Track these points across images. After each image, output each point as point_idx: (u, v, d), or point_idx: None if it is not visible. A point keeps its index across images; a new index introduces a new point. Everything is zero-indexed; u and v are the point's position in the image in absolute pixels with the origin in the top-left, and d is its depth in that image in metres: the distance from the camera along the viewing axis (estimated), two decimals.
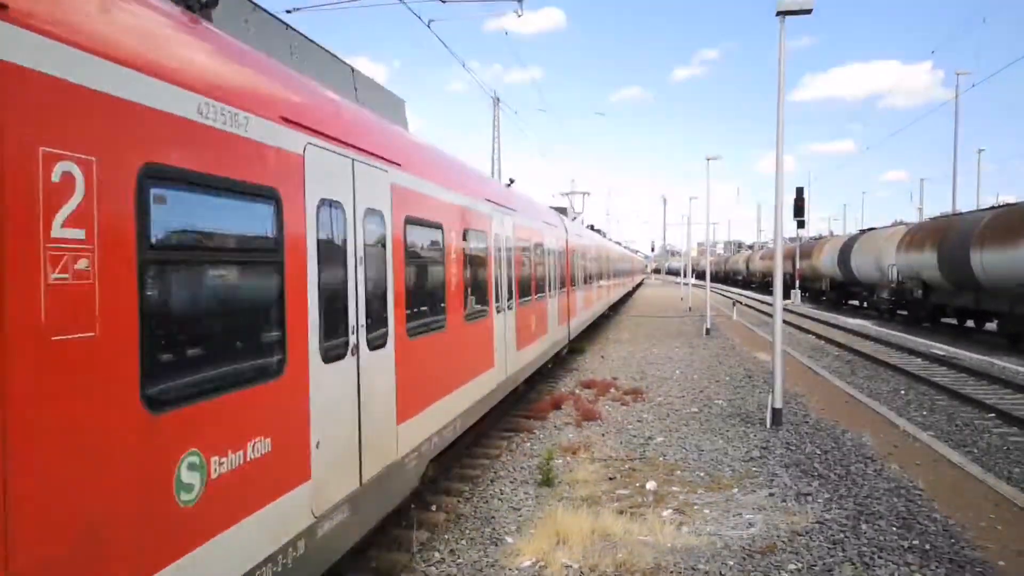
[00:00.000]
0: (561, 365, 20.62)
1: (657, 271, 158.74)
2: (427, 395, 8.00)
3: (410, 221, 7.57)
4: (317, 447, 5.31)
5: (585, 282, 25.58)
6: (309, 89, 6.03)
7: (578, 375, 19.32)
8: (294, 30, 6.74)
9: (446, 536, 8.18)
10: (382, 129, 7.61)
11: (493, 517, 8.74)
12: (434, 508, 8.98)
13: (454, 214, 9.36)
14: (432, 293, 8.54)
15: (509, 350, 12.43)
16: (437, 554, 7.67)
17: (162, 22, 4.15)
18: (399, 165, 7.36)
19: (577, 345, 23.83)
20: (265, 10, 6.24)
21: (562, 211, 29.12)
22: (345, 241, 5.97)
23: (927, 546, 7.63)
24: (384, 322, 6.78)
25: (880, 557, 7.34)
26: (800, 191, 23.51)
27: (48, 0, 3.25)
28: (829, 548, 7.58)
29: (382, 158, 6.92)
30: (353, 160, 6.20)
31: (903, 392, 17.40)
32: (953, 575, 6.96)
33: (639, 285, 79.40)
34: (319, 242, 5.44)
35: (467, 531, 8.34)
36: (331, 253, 5.70)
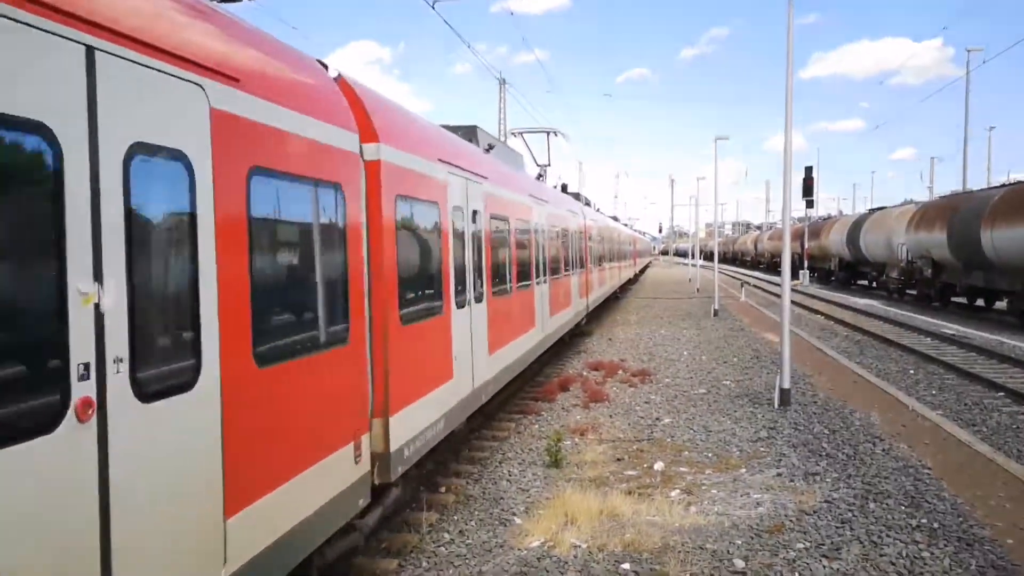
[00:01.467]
0: (569, 347, 20.65)
1: (665, 252, 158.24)
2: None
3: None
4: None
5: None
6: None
7: (585, 357, 19.34)
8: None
9: (455, 517, 8.24)
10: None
11: (502, 498, 8.80)
12: (443, 490, 9.05)
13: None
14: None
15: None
16: (447, 535, 7.73)
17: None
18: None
19: (586, 328, 23.86)
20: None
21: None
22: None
23: (935, 525, 7.64)
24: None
25: (888, 536, 7.36)
26: (809, 170, 23.35)
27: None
28: (837, 527, 7.60)
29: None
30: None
31: (912, 372, 17.36)
32: (961, 553, 6.97)
33: (646, 267, 78.51)
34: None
35: (476, 512, 8.39)
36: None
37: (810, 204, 29.14)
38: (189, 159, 4.02)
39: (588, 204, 32.98)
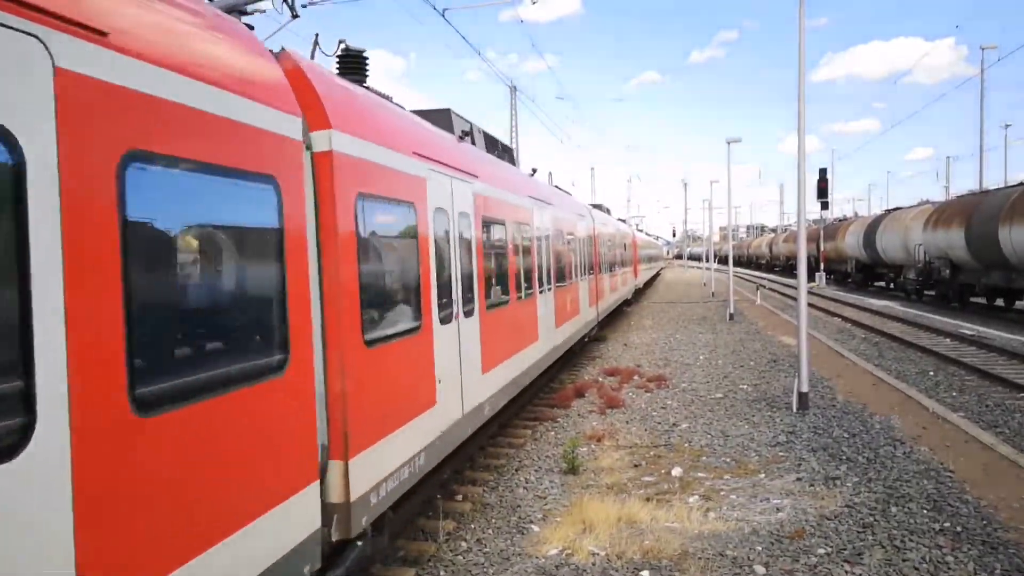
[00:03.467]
0: (584, 353, 20.60)
1: (679, 256, 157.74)
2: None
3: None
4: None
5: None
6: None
7: (601, 363, 19.27)
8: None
9: (472, 525, 8.21)
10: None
11: (519, 506, 8.76)
12: (460, 498, 9.02)
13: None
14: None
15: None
16: (464, 543, 7.71)
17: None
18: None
19: (600, 333, 23.78)
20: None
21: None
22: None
23: (959, 528, 7.54)
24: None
25: (911, 540, 7.27)
26: (823, 172, 23.29)
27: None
28: (859, 532, 7.52)
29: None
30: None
31: (932, 373, 17.17)
32: (985, 557, 6.87)
33: (657, 275, 72.72)
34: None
35: (493, 520, 8.36)
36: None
37: (825, 206, 29.00)
38: (16, 139, 2.93)
39: (601, 208, 32.16)
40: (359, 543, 5.74)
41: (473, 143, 10.52)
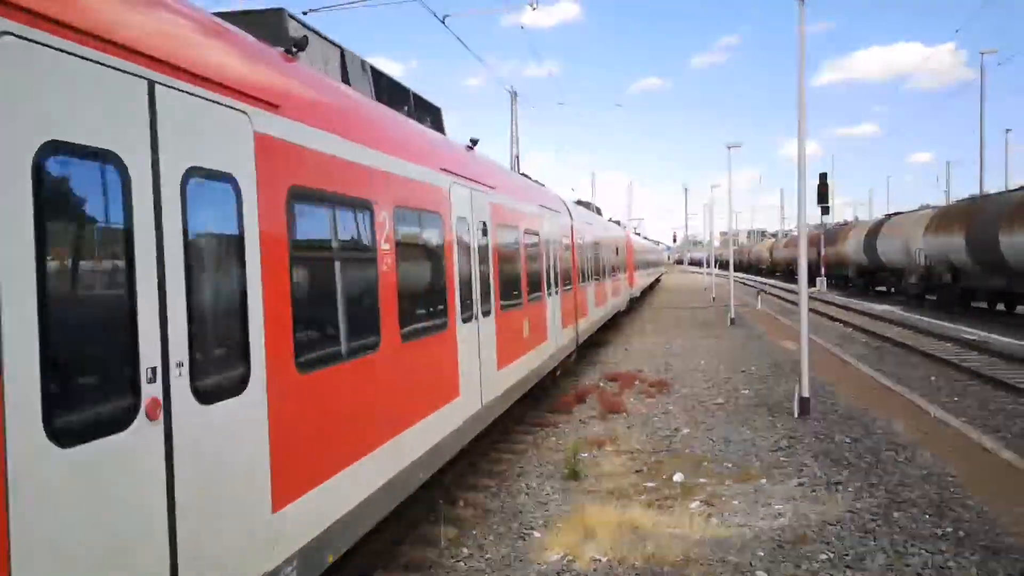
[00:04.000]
0: (585, 358, 20.58)
1: (679, 262, 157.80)
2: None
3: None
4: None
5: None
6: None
7: (602, 368, 19.27)
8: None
9: (474, 531, 8.20)
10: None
11: (520, 512, 8.75)
12: (462, 504, 9.01)
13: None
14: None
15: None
16: (465, 549, 7.70)
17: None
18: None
19: (600, 337, 23.76)
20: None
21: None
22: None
23: (961, 533, 7.52)
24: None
25: (913, 545, 7.25)
26: (824, 176, 23.19)
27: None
28: (861, 537, 7.50)
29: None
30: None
31: (933, 378, 17.16)
32: (989, 562, 6.85)
33: (657, 281, 67.72)
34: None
35: (495, 526, 8.35)
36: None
37: (825, 211, 28.92)
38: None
39: (589, 206, 27.75)
40: None
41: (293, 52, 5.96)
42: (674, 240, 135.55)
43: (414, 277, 7.58)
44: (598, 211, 29.37)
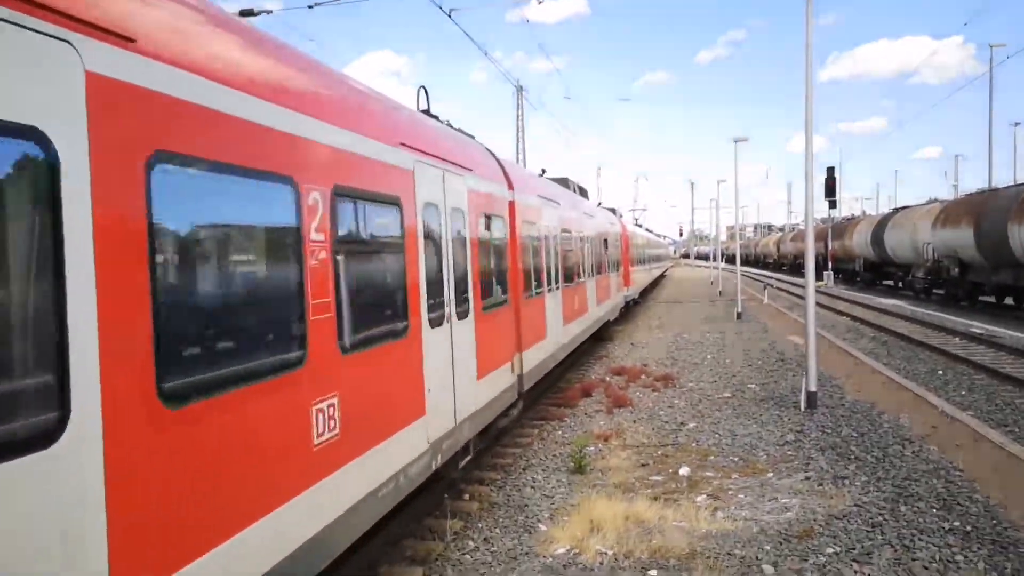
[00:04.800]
0: (590, 353, 20.56)
1: (686, 256, 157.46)
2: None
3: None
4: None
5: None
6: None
7: (608, 362, 19.25)
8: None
9: (480, 524, 8.21)
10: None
11: (526, 505, 8.76)
12: (467, 497, 9.02)
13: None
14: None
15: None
16: (471, 542, 7.71)
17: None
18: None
19: (604, 332, 23.72)
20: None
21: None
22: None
23: (968, 527, 7.50)
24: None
25: (920, 539, 7.23)
26: (831, 170, 23.10)
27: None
28: (868, 531, 7.48)
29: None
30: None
31: (941, 372, 17.09)
32: (996, 556, 6.83)
33: (663, 275, 65.10)
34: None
35: (501, 519, 8.36)
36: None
37: (833, 205, 28.88)
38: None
39: (568, 185, 20.27)
40: None
41: None
42: (680, 234, 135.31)
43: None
44: (579, 191, 21.98)
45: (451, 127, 10.39)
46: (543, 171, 14.89)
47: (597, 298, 20.66)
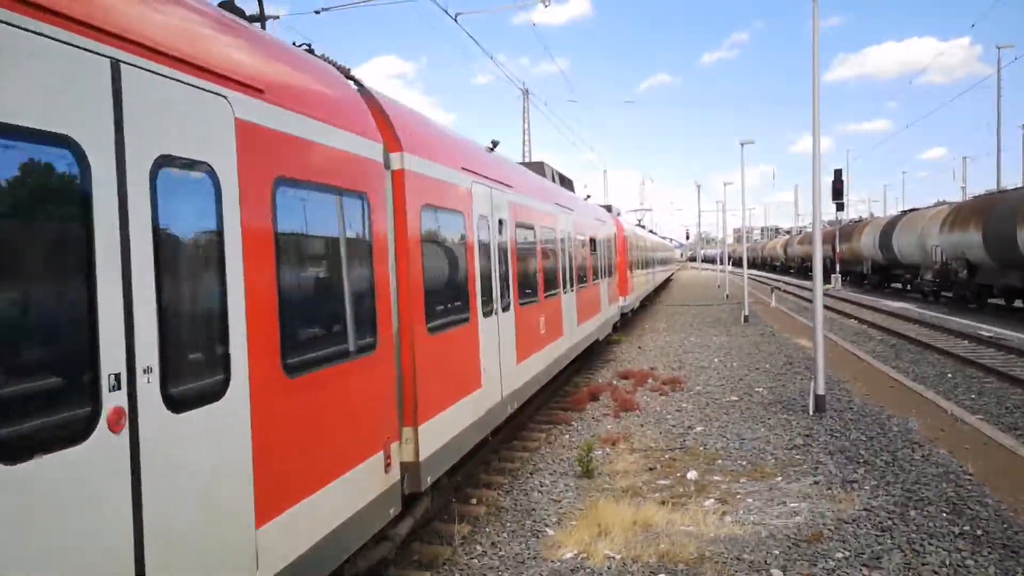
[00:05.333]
0: (598, 356, 20.53)
1: (692, 259, 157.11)
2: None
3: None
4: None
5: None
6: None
7: (615, 365, 19.22)
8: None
9: (487, 529, 8.20)
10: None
11: (534, 509, 8.74)
12: (475, 501, 9.02)
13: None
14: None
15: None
16: (479, 547, 7.70)
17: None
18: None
19: (615, 337, 23.68)
20: None
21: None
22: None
23: (979, 532, 7.45)
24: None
25: (930, 544, 7.19)
26: (838, 173, 23.06)
27: None
28: (877, 535, 7.44)
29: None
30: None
31: (950, 375, 17.01)
32: (1006, 561, 6.79)
33: (669, 279, 63.73)
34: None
35: (508, 524, 8.35)
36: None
37: (840, 207, 28.74)
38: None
39: (544, 171, 16.92)
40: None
41: None
42: (687, 237, 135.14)
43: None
44: (561, 180, 18.63)
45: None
46: (494, 143, 11.47)
47: (589, 309, 17.51)
